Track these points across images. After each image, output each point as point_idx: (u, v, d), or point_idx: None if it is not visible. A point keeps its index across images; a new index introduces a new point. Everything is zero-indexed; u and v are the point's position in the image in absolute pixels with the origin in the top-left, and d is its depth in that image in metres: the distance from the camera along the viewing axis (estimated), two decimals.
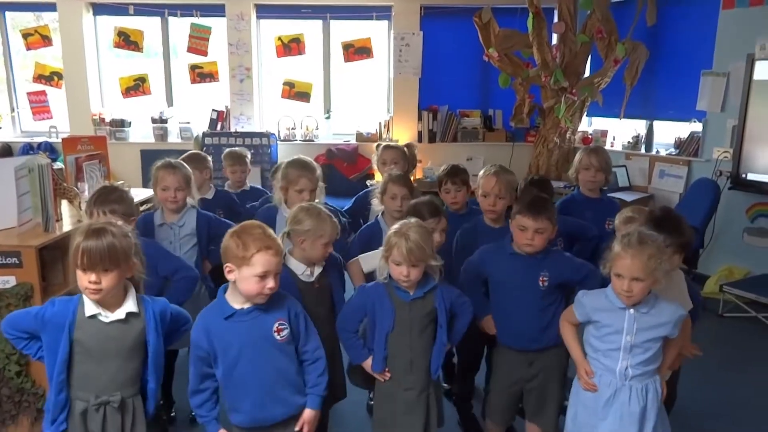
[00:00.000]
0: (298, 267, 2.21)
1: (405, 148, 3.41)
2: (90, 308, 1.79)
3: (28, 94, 6.68)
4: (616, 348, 2.02)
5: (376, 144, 3.55)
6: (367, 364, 2.19)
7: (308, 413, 1.99)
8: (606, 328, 2.04)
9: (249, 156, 3.74)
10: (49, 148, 6.41)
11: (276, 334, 1.91)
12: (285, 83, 6.57)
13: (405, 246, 2.05)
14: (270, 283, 1.85)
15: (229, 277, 1.88)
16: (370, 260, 2.44)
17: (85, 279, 1.74)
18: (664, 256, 1.95)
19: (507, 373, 2.43)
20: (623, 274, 1.95)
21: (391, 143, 3.55)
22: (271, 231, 1.94)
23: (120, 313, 1.80)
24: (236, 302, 1.91)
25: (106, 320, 1.79)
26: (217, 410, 1.95)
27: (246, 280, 1.85)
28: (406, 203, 2.67)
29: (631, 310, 2.00)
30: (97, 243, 1.73)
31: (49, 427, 1.82)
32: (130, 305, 1.83)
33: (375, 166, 3.40)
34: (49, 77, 6.68)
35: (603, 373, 2.06)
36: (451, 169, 2.95)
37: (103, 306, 1.80)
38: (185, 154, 3.34)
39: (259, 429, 1.95)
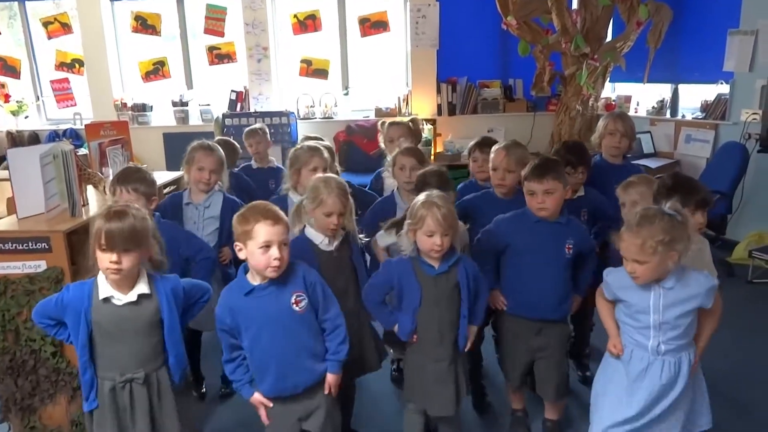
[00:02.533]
0: (316, 236, 2.26)
1: (410, 123, 3.42)
2: (104, 291, 1.85)
3: (52, 82, 6.78)
4: (645, 326, 1.98)
5: (380, 122, 3.55)
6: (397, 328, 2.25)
7: (330, 377, 2.04)
8: (634, 306, 2.00)
9: (265, 128, 3.83)
10: (74, 135, 6.53)
11: (295, 306, 1.95)
12: (302, 61, 6.55)
13: (439, 214, 2.06)
14: (275, 254, 1.87)
15: (240, 255, 1.94)
16: (384, 237, 2.46)
17: (105, 259, 1.80)
18: (669, 236, 1.86)
19: (516, 340, 2.46)
20: (625, 255, 1.94)
21: (396, 119, 3.55)
22: (272, 206, 1.97)
23: (132, 296, 1.86)
24: (254, 279, 1.96)
25: (119, 303, 1.85)
26: (249, 375, 2.03)
27: (253, 254, 1.90)
28: (415, 174, 2.69)
29: (657, 287, 1.94)
30: (118, 224, 1.79)
31: (85, 405, 1.93)
32: (141, 287, 1.89)
33: (382, 145, 3.41)
34: (71, 65, 6.77)
35: (635, 348, 2.02)
36: (483, 139, 3.00)
37: (117, 288, 1.86)
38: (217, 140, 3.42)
39: (284, 398, 2.01)
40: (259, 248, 1.87)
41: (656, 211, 1.92)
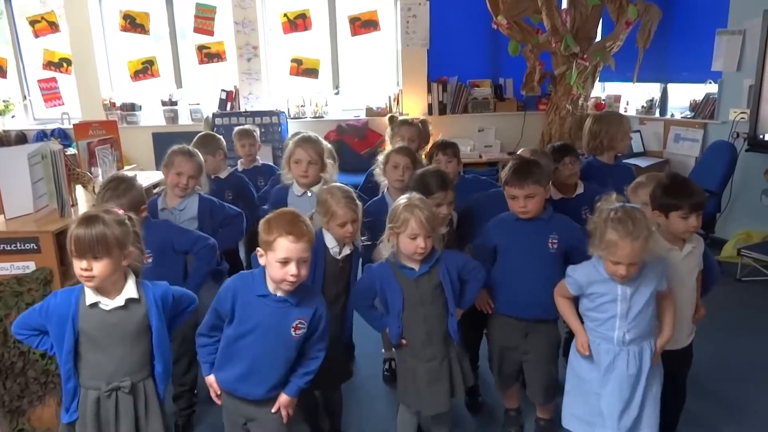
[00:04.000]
0: (330, 242, 2.27)
1: (420, 125, 3.42)
2: (90, 297, 1.80)
3: (39, 81, 6.70)
4: (612, 316, 2.02)
5: (388, 116, 3.53)
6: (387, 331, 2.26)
7: (285, 398, 2.01)
8: (600, 298, 2.03)
9: (257, 131, 3.81)
10: (62, 135, 6.46)
11: (293, 330, 1.94)
12: (293, 60, 6.52)
13: (422, 216, 2.06)
14: (292, 270, 1.84)
15: (261, 261, 1.91)
16: (385, 248, 2.44)
17: (77, 266, 1.75)
18: (652, 230, 1.93)
19: (503, 340, 2.46)
20: (622, 262, 1.93)
21: (408, 119, 3.52)
22: (304, 218, 1.92)
23: (120, 300, 1.81)
24: (271, 286, 1.94)
25: (107, 308, 1.80)
26: (213, 357, 2.03)
27: (271, 265, 1.87)
28: (408, 173, 2.69)
29: None
30: (86, 231, 1.72)
31: (65, 416, 1.86)
32: (129, 291, 1.82)
33: (388, 140, 3.39)
34: (59, 64, 6.70)
35: (601, 341, 2.06)
36: (442, 142, 2.99)
37: (102, 294, 1.80)
38: (198, 135, 3.38)
39: (233, 396, 2.01)
40: (278, 262, 1.84)
41: (635, 211, 1.95)
